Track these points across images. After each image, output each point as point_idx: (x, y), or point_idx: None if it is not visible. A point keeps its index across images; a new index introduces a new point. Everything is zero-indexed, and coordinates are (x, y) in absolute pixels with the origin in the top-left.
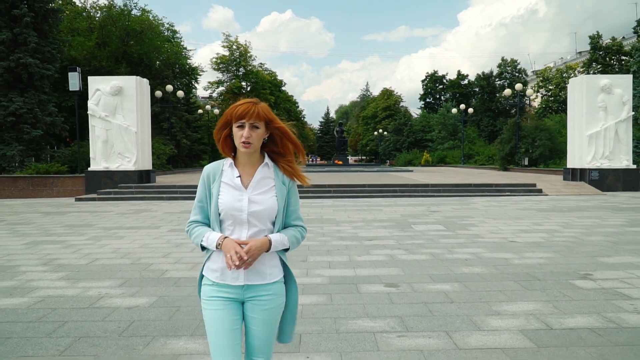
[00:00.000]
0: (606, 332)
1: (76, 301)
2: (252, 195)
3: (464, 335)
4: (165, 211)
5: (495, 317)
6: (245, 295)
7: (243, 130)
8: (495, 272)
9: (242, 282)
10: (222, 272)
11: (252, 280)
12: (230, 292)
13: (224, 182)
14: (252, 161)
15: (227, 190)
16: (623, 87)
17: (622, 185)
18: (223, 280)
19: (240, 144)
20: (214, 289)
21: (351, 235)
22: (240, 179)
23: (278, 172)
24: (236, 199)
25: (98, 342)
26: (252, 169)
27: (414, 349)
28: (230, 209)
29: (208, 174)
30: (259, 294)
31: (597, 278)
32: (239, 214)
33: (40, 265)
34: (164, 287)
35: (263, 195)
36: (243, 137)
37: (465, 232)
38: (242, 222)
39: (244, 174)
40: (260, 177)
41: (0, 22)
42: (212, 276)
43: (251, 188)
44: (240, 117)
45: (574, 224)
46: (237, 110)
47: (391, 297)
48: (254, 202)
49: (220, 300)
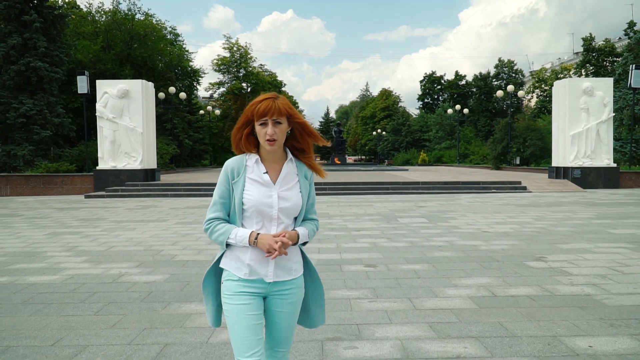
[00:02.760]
0: (540, 298)
1: (101, 278)
2: (280, 192)
3: (423, 300)
4: (170, 207)
5: (452, 288)
6: (271, 290)
7: (266, 127)
8: (462, 255)
9: (271, 279)
10: (250, 268)
11: (280, 276)
12: (258, 288)
13: (250, 178)
14: (276, 157)
15: (254, 186)
16: (604, 89)
17: (603, 182)
18: (252, 276)
19: (266, 142)
20: (240, 284)
21: (341, 227)
22: (268, 175)
23: (301, 167)
24: (266, 196)
25: (124, 306)
26: (277, 165)
27: (380, 309)
28: (260, 205)
29: (232, 169)
30: (285, 288)
31: (549, 260)
32: (269, 210)
33: (64, 252)
34: (174, 267)
35: (290, 191)
36: (267, 134)
37: (444, 224)
38: (271, 219)
39: (270, 170)
40: (286, 172)
41: (11, 28)
42: (239, 273)
43: (279, 184)
44: (263, 115)
45: (546, 217)
46: (258, 108)
47: (368, 274)
48: (283, 198)
49: (247, 296)
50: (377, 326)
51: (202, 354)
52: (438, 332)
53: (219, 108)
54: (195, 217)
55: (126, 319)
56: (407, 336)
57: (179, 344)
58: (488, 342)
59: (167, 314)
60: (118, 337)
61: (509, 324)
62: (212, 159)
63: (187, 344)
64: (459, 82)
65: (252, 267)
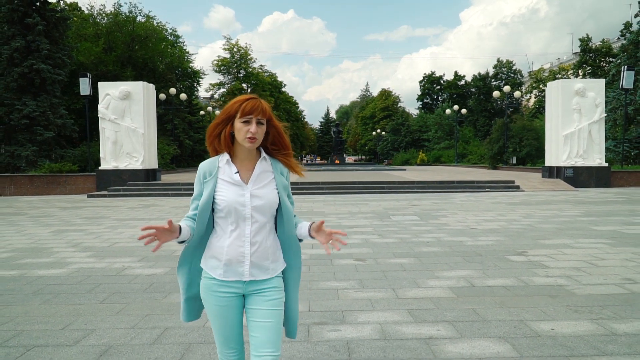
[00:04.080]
0: (514, 288)
1: (105, 271)
2: (253, 190)
3: (405, 290)
4: (171, 206)
5: (434, 279)
6: (247, 289)
7: (249, 125)
8: (448, 250)
9: (247, 278)
10: (225, 269)
11: (256, 275)
12: (234, 287)
13: (221, 179)
14: (250, 156)
15: (226, 187)
16: (596, 90)
17: (595, 182)
18: (227, 277)
19: (246, 139)
20: (216, 284)
21: (335, 224)
22: (239, 174)
23: (276, 164)
24: (238, 195)
25: (128, 295)
26: (251, 164)
27: (365, 298)
28: (233, 204)
29: (204, 171)
30: (262, 287)
31: (529, 254)
32: (241, 209)
33: (69, 247)
34: (174, 262)
35: (264, 189)
36: (250, 132)
37: (435, 222)
38: (245, 218)
39: (242, 169)
40: (259, 171)
41: (14, 30)
42: (214, 273)
43: (251, 183)
44: (248, 113)
45: (534, 215)
46: (245, 105)
47: (357, 268)
48: (256, 196)
49: (225, 296)
50: (361, 312)
51: (198, 335)
52: (415, 317)
53: (219, 109)
54: None
55: (129, 307)
56: (387, 321)
57: (177, 327)
58: (459, 326)
59: (167, 303)
60: (122, 322)
61: (481, 310)
62: None
63: (185, 328)
64: (458, 83)
65: (226, 267)
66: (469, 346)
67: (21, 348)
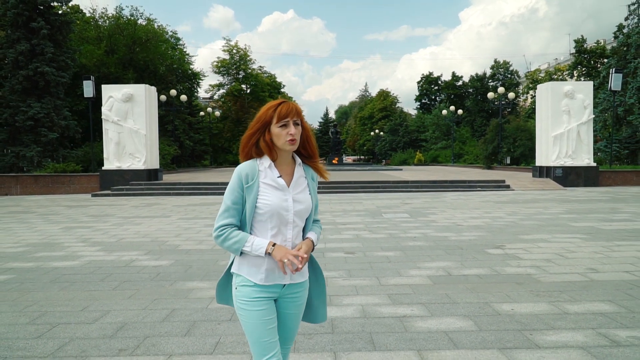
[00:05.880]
0: (486, 276)
1: (115, 263)
2: (294, 195)
3: (388, 279)
4: (173, 204)
5: (415, 269)
6: (283, 292)
7: (287, 128)
8: (432, 245)
9: (287, 282)
10: (267, 274)
11: (295, 278)
12: (272, 292)
13: (264, 183)
14: (288, 161)
15: (269, 191)
16: (584, 92)
17: (583, 181)
18: (269, 282)
19: (287, 141)
20: (255, 289)
21: (329, 222)
22: (282, 178)
23: (307, 169)
24: (282, 199)
25: (137, 283)
26: (289, 169)
27: (351, 285)
28: (278, 209)
29: (247, 174)
30: (295, 290)
31: (506, 248)
32: (285, 214)
33: (79, 242)
34: (178, 255)
35: (302, 193)
36: (289, 134)
37: (424, 219)
38: (287, 222)
39: (283, 174)
40: (298, 176)
41: (19, 34)
42: (255, 278)
43: (292, 187)
44: (285, 116)
45: (519, 213)
46: (280, 109)
47: (346, 260)
48: (297, 201)
49: (264, 301)
50: (345, 297)
51: (202, 315)
52: (394, 300)
53: (219, 109)
54: (196, 214)
55: (140, 293)
56: (368, 303)
57: (183, 308)
58: (431, 307)
59: (174, 289)
60: (134, 305)
61: (453, 294)
62: (212, 159)
63: (191, 309)
64: (456, 83)
65: (269, 272)
66: (437, 322)
67: (47, 325)
